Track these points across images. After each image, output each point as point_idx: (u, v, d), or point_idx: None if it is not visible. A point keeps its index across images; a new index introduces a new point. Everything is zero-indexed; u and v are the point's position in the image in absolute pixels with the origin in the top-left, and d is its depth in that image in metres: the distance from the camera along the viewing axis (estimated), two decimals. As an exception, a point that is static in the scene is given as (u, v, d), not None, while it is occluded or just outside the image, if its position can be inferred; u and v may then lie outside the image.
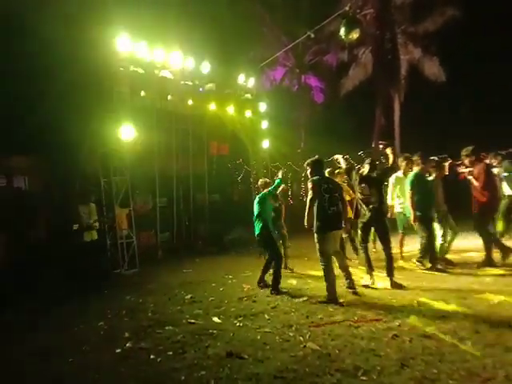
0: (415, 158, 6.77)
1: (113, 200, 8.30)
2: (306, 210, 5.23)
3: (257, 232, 6.19)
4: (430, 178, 6.87)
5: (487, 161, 7.23)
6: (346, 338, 3.79)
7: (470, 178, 6.73)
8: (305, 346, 3.67)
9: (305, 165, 5.64)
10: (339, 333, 3.95)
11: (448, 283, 5.64)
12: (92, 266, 8.37)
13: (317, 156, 5.57)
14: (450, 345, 3.49)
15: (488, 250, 6.50)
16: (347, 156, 7.10)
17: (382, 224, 5.88)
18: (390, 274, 5.67)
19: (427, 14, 18.69)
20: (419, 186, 6.44)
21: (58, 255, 9.20)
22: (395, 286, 5.56)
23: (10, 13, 10.30)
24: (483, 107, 18.12)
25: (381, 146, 6.84)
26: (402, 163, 7.08)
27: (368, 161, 6.14)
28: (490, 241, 6.58)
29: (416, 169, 6.68)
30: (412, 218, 6.44)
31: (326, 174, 6.10)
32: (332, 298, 5.05)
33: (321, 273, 5.37)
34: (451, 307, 4.52)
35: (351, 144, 15.33)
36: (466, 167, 6.88)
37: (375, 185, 5.86)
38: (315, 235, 5.23)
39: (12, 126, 10.26)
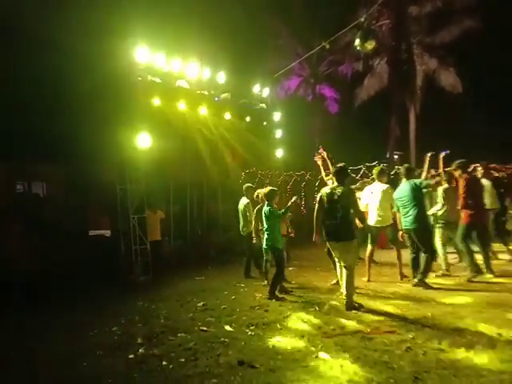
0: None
1: (128, 207, 8.41)
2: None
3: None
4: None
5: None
6: (358, 350, 3.76)
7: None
8: (317, 357, 3.66)
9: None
10: (352, 344, 3.92)
11: (464, 296, 5.55)
12: (106, 272, 8.47)
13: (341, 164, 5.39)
14: (465, 358, 3.44)
15: (469, 261, 6.48)
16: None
17: None
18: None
19: (444, 24, 18.64)
20: None
21: (72, 261, 9.34)
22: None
23: (30, 26, 10.65)
24: (500, 118, 17.86)
25: (395, 157, 6.86)
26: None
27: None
28: (470, 252, 6.53)
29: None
30: None
31: None
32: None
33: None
34: (466, 320, 4.44)
35: (366, 154, 15.24)
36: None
37: None
38: None
39: (31, 134, 10.52)
